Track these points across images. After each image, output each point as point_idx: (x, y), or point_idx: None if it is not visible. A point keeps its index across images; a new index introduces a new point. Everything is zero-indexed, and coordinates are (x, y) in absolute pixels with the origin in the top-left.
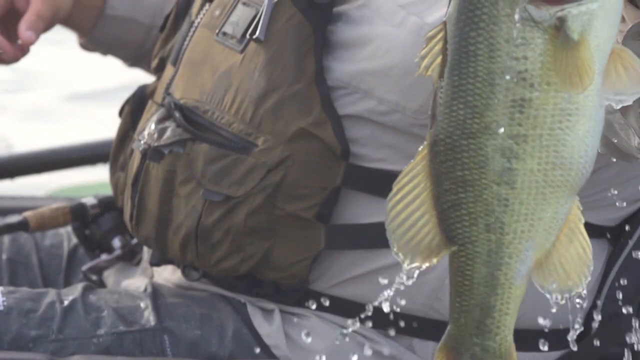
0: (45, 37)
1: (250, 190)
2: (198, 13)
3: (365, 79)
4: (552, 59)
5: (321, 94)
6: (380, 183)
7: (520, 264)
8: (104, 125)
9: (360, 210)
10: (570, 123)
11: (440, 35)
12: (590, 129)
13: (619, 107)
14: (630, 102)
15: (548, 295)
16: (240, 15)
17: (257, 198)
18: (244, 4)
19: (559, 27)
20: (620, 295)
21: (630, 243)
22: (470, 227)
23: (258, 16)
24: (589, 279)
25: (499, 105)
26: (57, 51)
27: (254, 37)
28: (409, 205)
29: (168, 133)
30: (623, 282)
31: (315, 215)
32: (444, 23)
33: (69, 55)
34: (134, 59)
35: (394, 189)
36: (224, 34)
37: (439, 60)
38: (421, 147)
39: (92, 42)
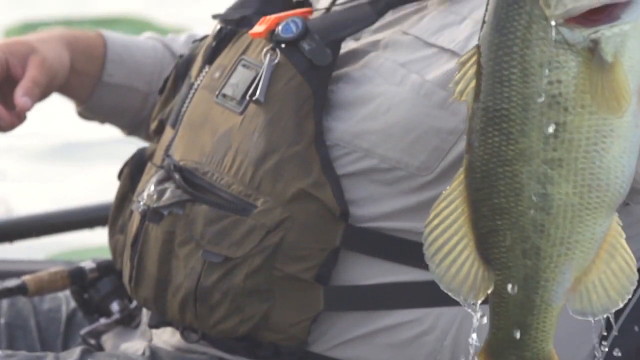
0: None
1: (250, 252)
2: (198, 75)
3: (366, 138)
4: (585, 81)
5: (320, 156)
6: (379, 245)
7: (557, 286)
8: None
9: (359, 271)
10: (605, 145)
11: (474, 59)
12: (626, 149)
13: None
14: None
15: (581, 317)
16: (240, 77)
17: (256, 259)
18: (244, 66)
19: (593, 49)
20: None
21: None
22: (507, 253)
23: (258, 78)
24: (630, 295)
25: (533, 131)
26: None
27: (254, 98)
28: (446, 230)
29: (167, 194)
30: None
31: (314, 277)
32: (477, 47)
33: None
34: (132, 127)
35: (431, 215)
36: (224, 95)
37: (472, 84)
38: (458, 172)
39: (90, 110)
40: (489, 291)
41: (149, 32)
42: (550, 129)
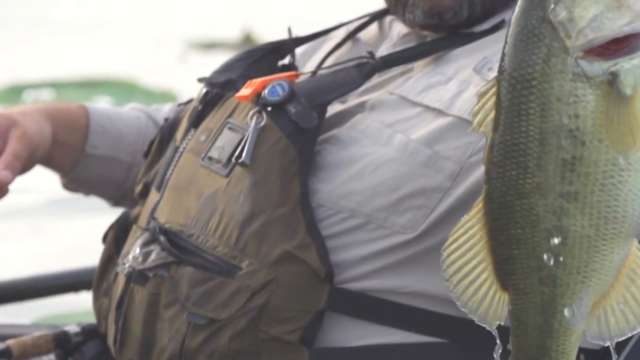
0: None
1: (235, 313)
2: (183, 138)
3: (351, 198)
4: (603, 115)
5: (306, 218)
6: (364, 306)
7: (575, 311)
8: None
9: (344, 333)
10: (622, 178)
11: (493, 90)
12: None
13: None
14: None
15: (599, 341)
16: (226, 140)
17: (241, 321)
18: (230, 129)
19: (611, 82)
20: None
21: None
22: (524, 280)
23: (244, 141)
24: None
25: (550, 165)
26: None
27: (240, 161)
28: (465, 254)
29: (153, 256)
30: None
31: (299, 339)
32: (497, 78)
33: None
34: (117, 198)
35: (449, 240)
36: (210, 158)
37: (491, 115)
38: (477, 200)
39: (74, 181)
40: (507, 314)
41: (134, 103)
42: (567, 165)
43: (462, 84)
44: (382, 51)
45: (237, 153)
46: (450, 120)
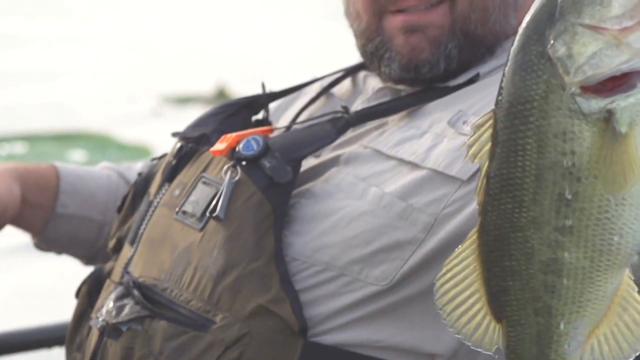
0: None
1: None
2: (157, 193)
3: (326, 251)
4: (599, 151)
5: (280, 272)
6: None
7: (571, 341)
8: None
9: None
10: (617, 212)
11: (489, 123)
12: (638, 215)
13: None
14: None
15: None
16: (201, 194)
17: None
18: (205, 183)
19: (608, 119)
20: None
21: None
22: (519, 311)
23: (218, 195)
24: None
25: (545, 200)
26: None
27: (214, 215)
28: (458, 284)
29: (126, 310)
30: None
31: None
32: (493, 111)
33: None
34: (89, 257)
35: (443, 270)
36: (184, 212)
37: (486, 147)
38: (472, 232)
39: (45, 241)
40: (501, 346)
41: (108, 156)
42: (563, 200)
43: (437, 137)
44: (356, 106)
45: (211, 207)
46: (424, 173)
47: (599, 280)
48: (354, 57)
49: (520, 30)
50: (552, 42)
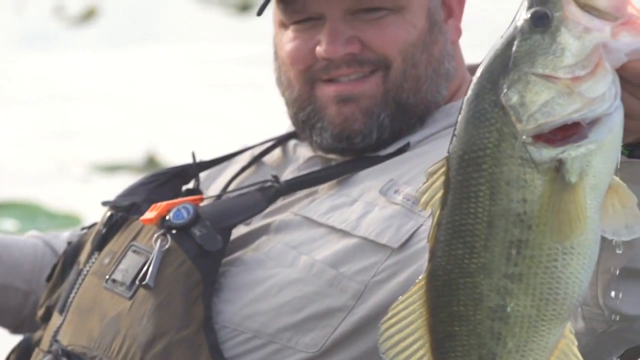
0: None
1: None
2: (87, 261)
3: (256, 319)
4: (549, 200)
5: (209, 340)
6: None
7: None
8: None
9: None
10: (565, 261)
11: (442, 170)
12: (585, 265)
13: (620, 239)
14: (628, 239)
15: None
16: (130, 262)
17: None
18: (135, 251)
19: (558, 168)
20: None
21: None
22: (463, 357)
23: (148, 263)
24: None
25: (496, 246)
26: None
27: (144, 283)
28: (403, 330)
29: None
30: None
31: None
32: (446, 159)
33: None
34: (15, 326)
35: (389, 314)
36: (114, 281)
37: (438, 195)
38: (420, 277)
39: None
40: None
41: (38, 225)
42: (514, 247)
43: (368, 205)
44: (286, 175)
45: (140, 275)
46: (355, 242)
47: (543, 330)
48: (283, 127)
49: (474, 79)
50: (505, 90)
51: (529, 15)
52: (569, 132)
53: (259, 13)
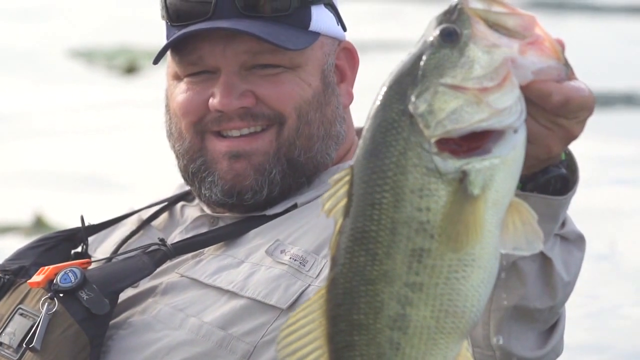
0: None
1: None
2: None
3: None
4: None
5: None
6: None
7: None
8: None
9: None
10: (465, 273)
11: (346, 178)
12: (484, 279)
13: (521, 254)
14: (527, 254)
15: None
16: (17, 325)
17: None
18: (22, 314)
19: (462, 180)
20: None
21: None
22: None
23: (35, 326)
24: None
25: (398, 254)
26: None
27: (30, 346)
28: (301, 338)
29: None
30: None
31: None
32: (351, 167)
33: None
34: None
35: (288, 322)
36: (0, 344)
37: (342, 203)
38: (321, 287)
39: None
40: None
41: None
42: (416, 255)
43: (254, 266)
44: (174, 237)
45: (28, 338)
46: (244, 303)
47: (441, 343)
48: (171, 190)
49: (382, 89)
50: (413, 100)
51: (437, 32)
52: (475, 144)
53: (155, 62)
